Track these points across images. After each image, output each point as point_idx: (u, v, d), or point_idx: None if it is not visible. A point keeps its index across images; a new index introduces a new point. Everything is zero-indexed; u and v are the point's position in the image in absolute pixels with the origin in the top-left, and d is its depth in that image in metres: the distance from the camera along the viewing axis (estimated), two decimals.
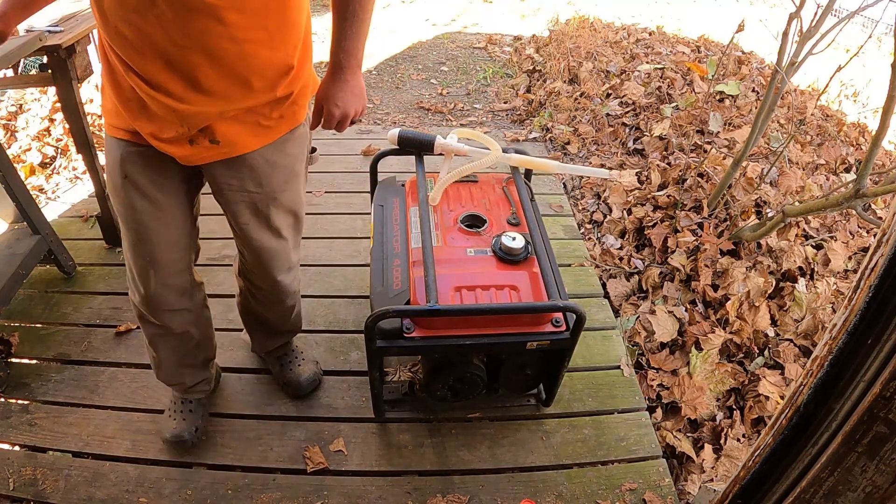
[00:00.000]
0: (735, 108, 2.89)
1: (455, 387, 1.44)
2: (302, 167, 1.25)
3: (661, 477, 1.51)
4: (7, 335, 1.79)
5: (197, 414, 1.52)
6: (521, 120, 3.36)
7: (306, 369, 1.64)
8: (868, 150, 1.62)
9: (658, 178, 2.47)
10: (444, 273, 1.30)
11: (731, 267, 2.01)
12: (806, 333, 1.90)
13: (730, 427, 1.66)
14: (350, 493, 1.45)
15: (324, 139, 2.99)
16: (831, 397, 0.82)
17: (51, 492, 1.42)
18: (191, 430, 1.49)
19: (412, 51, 4.27)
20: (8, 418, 1.59)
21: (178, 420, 1.49)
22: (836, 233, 2.22)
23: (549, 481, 1.49)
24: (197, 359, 1.47)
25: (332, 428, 1.59)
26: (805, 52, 1.85)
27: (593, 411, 1.66)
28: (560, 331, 1.30)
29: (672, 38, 3.98)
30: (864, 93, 3.47)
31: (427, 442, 1.56)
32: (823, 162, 2.63)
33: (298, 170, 1.23)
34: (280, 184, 1.19)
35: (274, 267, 1.33)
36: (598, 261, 2.24)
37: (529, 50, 4.07)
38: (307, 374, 1.63)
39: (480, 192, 1.61)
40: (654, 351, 1.89)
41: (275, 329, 1.58)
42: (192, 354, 1.44)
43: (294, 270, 1.41)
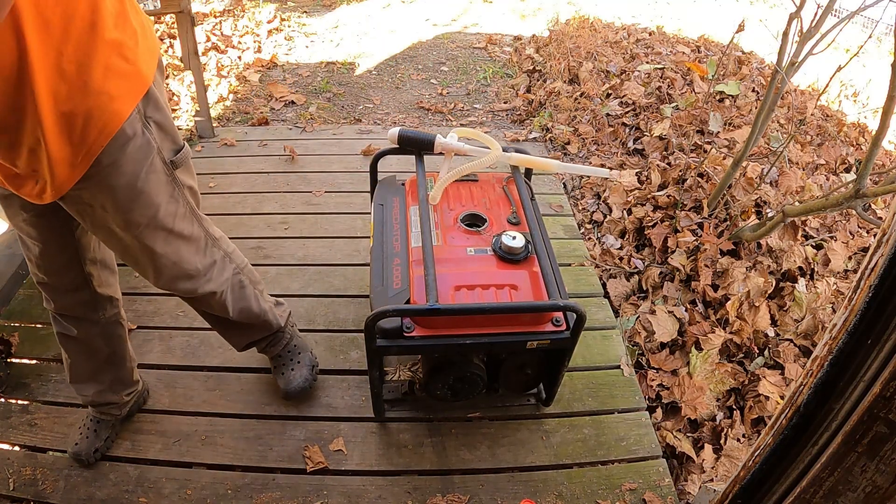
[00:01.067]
0: (735, 108, 2.89)
1: (455, 386, 1.44)
2: (146, 184, 1.06)
3: (661, 477, 1.51)
4: (7, 335, 1.79)
5: (100, 436, 1.48)
6: (521, 120, 3.36)
7: (297, 375, 1.61)
8: (868, 150, 1.62)
9: (658, 178, 2.47)
10: (444, 272, 1.30)
11: (731, 267, 2.01)
12: (806, 333, 1.90)
13: (730, 427, 1.66)
14: (350, 492, 1.45)
15: (324, 139, 3.00)
16: (831, 397, 0.82)
17: (51, 492, 1.42)
18: (89, 451, 1.45)
19: (412, 51, 4.27)
20: (8, 418, 1.59)
21: (82, 437, 1.47)
22: (836, 233, 2.22)
23: (549, 481, 1.49)
24: (106, 376, 1.43)
25: (332, 427, 1.59)
26: (805, 52, 1.85)
27: (593, 411, 1.66)
28: (560, 330, 1.30)
29: (672, 38, 3.98)
30: (864, 93, 3.47)
31: (427, 441, 1.56)
32: (823, 162, 2.63)
33: (141, 187, 1.06)
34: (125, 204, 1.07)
35: (167, 279, 1.24)
36: (598, 261, 2.24)
37: (529, 50, 4.07)
38: (296, 381, 1.60)
39: (481, 191, 1.61)
40: (654, 351, 1.89)
41: (229, 324, 1.48)
42: (102, 370, 1.42)
43: (198, 278, 1.27)
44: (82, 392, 1.44)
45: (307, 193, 2.54)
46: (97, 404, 1.46)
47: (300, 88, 3.59)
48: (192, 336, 1.83)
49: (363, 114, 3.37)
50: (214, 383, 1.70)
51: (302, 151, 2.84)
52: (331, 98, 3.51)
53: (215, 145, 2.86)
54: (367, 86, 3.70)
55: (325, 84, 3.63)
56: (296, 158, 2.78)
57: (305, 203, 2.49)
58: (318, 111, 3.32)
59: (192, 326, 1.85)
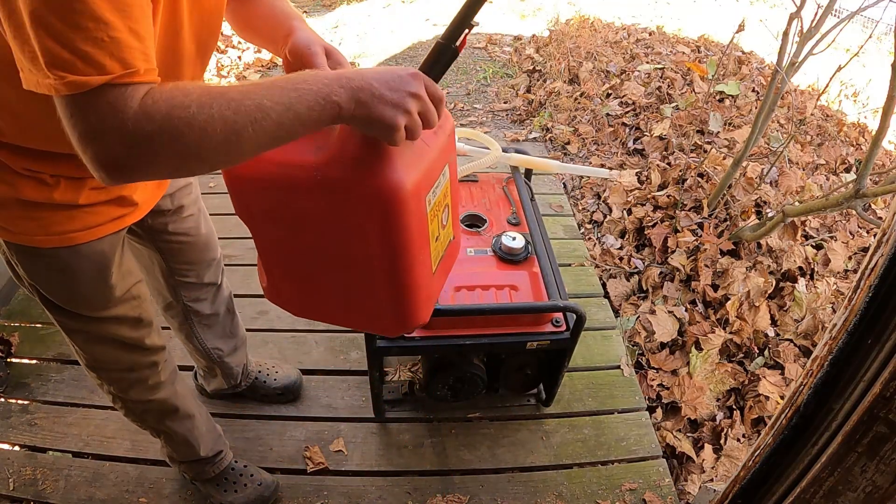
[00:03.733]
0: (735, 108, 2.89)
1: (455, 387, 1.44)
2: None
3: (661, 477, 1.51)
4: (7, 335, 1.79)
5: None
6: (521, 120, 3.36)
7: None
8: (868, 150, 1.62)
9: (658, 178, 2.47)
10: None
11: (731, 267, 2.01)
12: (806, 333, 1.90)
13: (730, 427, 1.66)
14: (350, 493, 1.45)
15: None
16: (831, 397, 0.82)
17: (51, 492, 1.42)
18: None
19: (412, 51, 4.27)
20: (8, 418, 1.59)
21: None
22: (836, 233, 2.22)
23: (549, 481, 1.49)
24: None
25: (332, 428, 1.59)
26: (805, 52, 1.85)
27: (593, 411, 1.66)
28: (560, 331, 1.31)
29: (672, 38, 3.98)
30: (864, 93, 3.47)
31: (427, 442, 1.56)
32: (823, 162, 2.63)
33: None
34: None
35: None
36: (598, 261, 2.24)
37: (529, 50, 4.07)
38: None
39: (480, 191, 1.61)
40: (654, 351, 1.89)
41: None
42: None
43: None
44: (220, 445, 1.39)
45: None
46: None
47: None
48: None
49: None
50: None
51: None
52: None
53: None
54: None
55: None
56: None
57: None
58: None
59: None
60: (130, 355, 1.06)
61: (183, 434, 1.25)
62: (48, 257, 0.86)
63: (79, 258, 0.87)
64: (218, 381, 1.54)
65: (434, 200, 0.82)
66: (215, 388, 1.57)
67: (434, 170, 0.80)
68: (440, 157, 0.81)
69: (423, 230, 0.80)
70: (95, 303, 0.95)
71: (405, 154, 0.73)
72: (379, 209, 0.72)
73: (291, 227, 0.82)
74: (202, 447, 1.30)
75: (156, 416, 1.20)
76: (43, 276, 0.89)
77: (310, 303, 0.95)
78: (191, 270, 1.22)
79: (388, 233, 0.75)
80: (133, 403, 1.15)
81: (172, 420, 1.22)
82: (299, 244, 0.84)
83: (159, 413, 1.19)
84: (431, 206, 0.81)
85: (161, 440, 1.28)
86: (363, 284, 0.84)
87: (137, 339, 1.05)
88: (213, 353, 1.41)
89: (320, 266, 0.86)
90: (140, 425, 1.24)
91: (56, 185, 0.80)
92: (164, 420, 1.21)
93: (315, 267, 0.87)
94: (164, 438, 1.27)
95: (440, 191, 0.83)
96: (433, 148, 0.79)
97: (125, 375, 1.09)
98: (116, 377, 1.09)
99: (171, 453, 1.31)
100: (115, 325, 1.00)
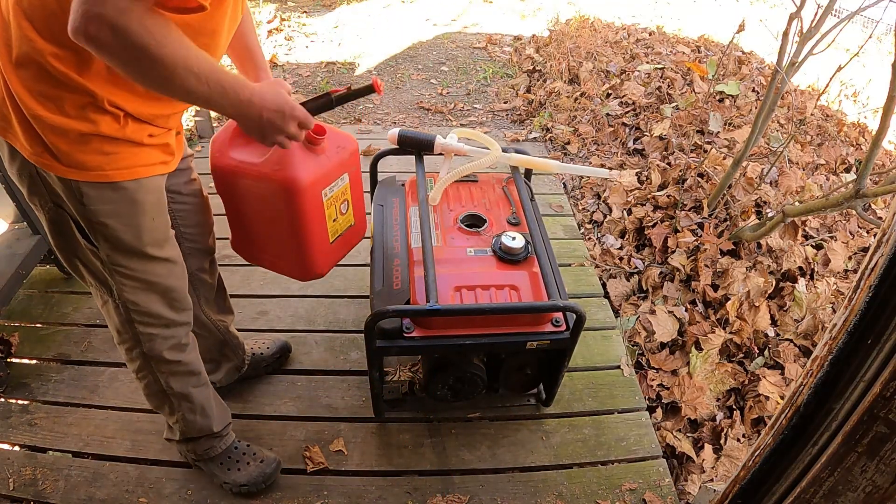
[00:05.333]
0: (735, 108, 2.89)
1: (455, 387, 1.44)
2: None
3: (661, 477, 1.51)
4: (7, 335, 1.79)
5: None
6: (521, 120, 3.36)
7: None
8: (868, 150, 1.62)
9: (658, 178, 2.47)
10: (444, 273, 1.30)
11: (731, 267, 2.01)
12: (806, 333, 1.90)
13: (730, 427, 1.66)
14: (350, 493, 1.45)
15: None
16: (831, 397, 0.82)
17: (51, 492, 1.42)
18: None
19: (412, 51, 4.27)
20: (8, 418, 1.59)
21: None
22: (836, 233, 2.22)
23: (549, 481, 1.49)
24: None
25: (332, 428, 1.59)
26: (805, 52, 1.85)
27: (593, 411, 1.66)
28: (560, 331, 1.30)
29: (672, 38, 3.98)
30: (864, 93, 3.47)
31: (427, 442, 1.56)
32: (823, 162, 2.63)
33: None
34: None
35: None
36: (598, 261, 2.24)
37: (529, 50, 4.07)
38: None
39: (480, 191, 1.61)
40: (654, 351, 1.89)
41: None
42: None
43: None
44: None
45: None
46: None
47: (300, 88, 3.59)
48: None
49: (363, 114, 3.37)
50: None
51: None
52: None
53: None
54: None
55: (326, 84, 3.63)
56: None
57: None
58: None
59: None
60: (170, 312, 1.15)
61: (201, 402, 1.29)
62: (119, 190, 0.96)
63: (144, 191, 1.00)
64: (225, 370, 1.58)
65: (331, 195, 1.27)
66: (223, 376, 1.60)
67: (331, 174, 1.25)
68: (338, 167, 1.26)
69: (318, 210, 1.25)
70: (158, 235, 1.06)
71: (309, 162, 1.19)
72: (285, 191, 1.18)
73: (243, 199, 1.28)
74: (215, 419, 1.34)
75: (181, 379, 1.24)
76: (114, 212, 0.98)
77: (253, 251, 1.41)
78: (197, 234, 1.30)
79: (291, 206, 1.20)
80: (164, 366, 1.20)
81: (196, 385, 1.27)
82: (248, 210, 1.30)
83: (185, 375, 1.24)
84: (328, 197, 1.26)
85: (178, 415, 1.29)
86: (281, 240, 1.31)
87: (181, 288, 1.16)
88: (220, 324, 1.48)
89: (258, 225, 1.32)
90: (158, 400, 1.26)
91: (126, 124, 0.93)
92: (188, 385, 1.25)
93: (256, 226, 1.33)
94: (183, 409, 1.28)
95: (337, 189, 1.29)
96: (333, 160, 1.24)
97: (162, 332, 1.16)
98: (154, 333, 1.15)
99: (185, 427, 1.32)
100: (167, 268, 1.11)
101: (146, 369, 1.20)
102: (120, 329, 1.14)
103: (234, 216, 1.35)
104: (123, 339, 1.16)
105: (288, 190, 1.18)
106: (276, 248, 1.36)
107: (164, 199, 1.08)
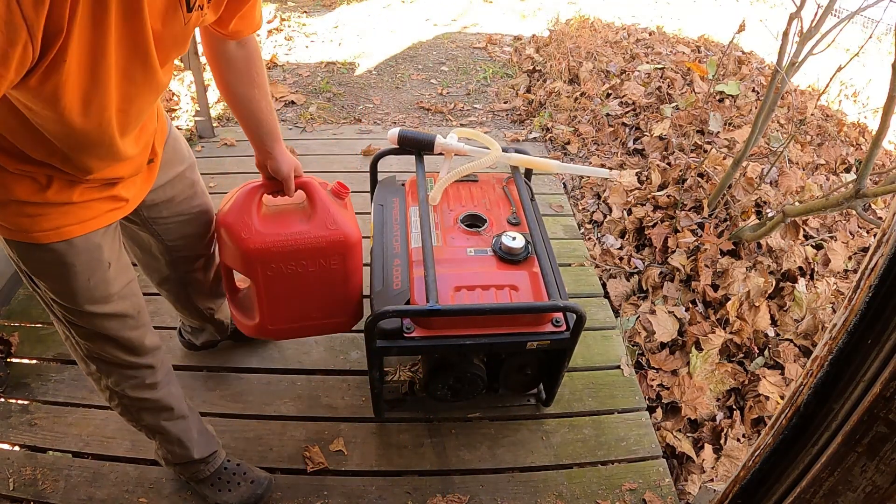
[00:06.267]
0: (735, 108, 2.89)
1: (455, 387, 1.44)
2: None
3: (661, 477, 1.51)
4: (7, 335, 1.79)
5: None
6: (521, 120, 3.36)
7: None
8: (868, 150, 1.62)
9: (658, 178, 2.47)
10: (444, 273, 1.30)
11: (731, 267, 2.01)
12: (806, 333, 1.90)
13: (730, 427, 1.66)
14: (350, 493, 1.45)
15: (324, 139, 2.99)
16: (831, 397, 0.82)
17: (51, 492, 1.42)
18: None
19: (412, 51, 4.27)
20: (8, 418, 1.59)
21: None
22: (836, 233, 2.22)
23: (549, 481, 1.49)
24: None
25: (332, 428, 1.59)
26: (805, 52, 1.85)
27: (593, 411, 1.66)
28: (560, 331, 1.30)
29: (672, 38, 3.98)
30: (864, 93, 3.47)
31: (427, 442, 1.56)
32: (823, 162, 2.63)
33: None
34: None
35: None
36: (598, 261, 2.24)
37: (529, 50, 4.07)
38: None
39: (480, 191, 1.61)
40: (654, 351, 1.89)
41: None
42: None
43: None
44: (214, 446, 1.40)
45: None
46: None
47: (300, 88, 3.59)
48: None
49: (363, 114, 3.37)
50: (214, 383, 1.69)
51: (302, 151, 2.84)
52: (331, 98, 3.51)
53: (215, 145, 2.86)
54: (367, 86, 3.69)
55: (325, 84, 3.63)
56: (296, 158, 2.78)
57: None
58: (318, 111, 3.32)
59: None
60: (128, 356, 1.10)
61: (177, 434, 1.27)
62: (47, 252, 0.89)
63: (76, 251, 0.91)
64: (207, 334, 1.66)
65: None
66: (205, 339, 1.65)
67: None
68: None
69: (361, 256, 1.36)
70: (95, 296, 0.98)
71: (349, 216, 1.31)
72: (345, 247, 1.28)
73: (291, 273, 1.27)
74: (195, 449, 1.31)
75: (152, 414, 1.22)
76: (44, 271, 0.93)
77: (293, 326, 1.41)
78: (186, 245, 1.29)
79: (347, 260, 1.30)
80: (130, 401, 1.17)
81: (168, 419, 1.24)
82: (297, 282, 1.29)
83: (155, 411, 1.21)
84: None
85: (156, 442, 1.29)
86: (334, 297, 1.36)
87: (137, 338, 1.09)
88: (206, 311, 1.52)
89: (306, 294, 1.33)
90: (135, 425, 1.26)
91: (49, 185, 0.85)
92: (160, 419, 1.23)
93: (303, 295, 1.33)
94: (159, 439, 1.28)
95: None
96: (351, 213, 1.36)
97: (124, 372, 1.12)
98: (116, 371, 1.12)
99: (166, 455, 1.32)
100: (116, 322, 1.04)
101: (115, 400, 1.18)
102: (81, 362, 1.12)
103: (273, 297, 1.31)
104: (89, 372, 1.14)
105: (346, 244, 1.26)
106: (327, 308, 1.39)
107: (109, 255, 0.99)
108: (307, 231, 1.23)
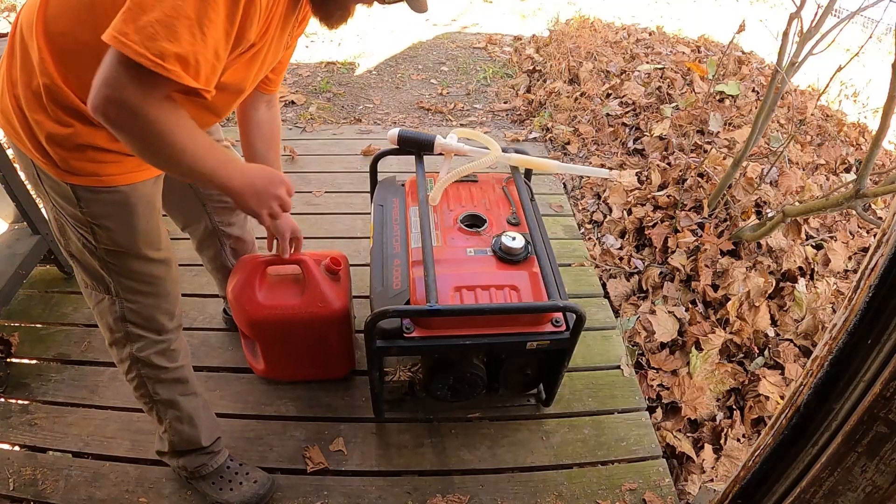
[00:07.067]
0: (735, 108, 2.89)
1: (455, 387, 1.44)
2: None
3: (661, 477, 1.51)
4: (7, 335, 1.79)
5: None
6: (521, 120, 3.36)
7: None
8: (868, 151, 1.62)
9: (658, 178, 2.47)
10: (444, 273, 1.30)
11: (731, 267, 2.01)
12: (806, 333, 1.90)
13: (730, 427, 1.66)
14: (350, 493, 1.45)
15: (324, 139, 2.99)
16: (831, 397, 0.82)
17: (51, 492, 1.42)
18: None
19: (412, 51, 4.27)
20: (8, 418, 1.59)
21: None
22: (836, 233, 2.22)
23: (549, 481, 1.49)
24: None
25: (332, 428, 1.59)
26: (805, 52, 1.85)
27: (593, 411, 1.66)
28: (560, 331, 1.30)
29: (672, 38, 3.98)
30: (864, 93, 3.47)
31: (427, 442, 1.56)
32: (823, 162, 2.63)
33: None
34: None
35: None
36: (598, 261, 2.24)
37: (529, 50, 4.07)
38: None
39: (480, 191, 1.61)
40: (654, 351, 1.89)
41: None
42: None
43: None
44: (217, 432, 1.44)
45: (307, 194, 2.54)
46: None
47: (300, 88, 3.59)
48: (192, 336, 1.83)
49: (363, 114, 3.37)
50: (214, 383, 1.70)
51: (302, 151, 2.84)
52: (331, 98, 3.51)
53: None
54: (367, 86, 3.70)
55: (325, 84, 3.63)
56: (296, 158, 2.78)
57: (305, 203, 2.49)
58: (318, 111, 3.32)
59: (193, 327, 1.85)
60: (161, 316, 1.17)
61: (189, 412, 1.29)
62: (116, 193, 1.00)
63: (139, 194, 1.04)
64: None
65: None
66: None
67: (349, 293, 1.56)
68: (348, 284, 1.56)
69: (350, 321, 1.58)
70: (151, 239, 1.09)
71: (339, 291, 1.49)
72: (329, 321, 1.48)
73: (287, 337, 1.52)
74: (204, 431, 1.33)
75: (168, 386, 1.24)
76: (109, 214, 1.02)
77: (292, 372, 1.68)
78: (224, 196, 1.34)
79: (333, 329, 1.51)
80: (150, 370, 1.20)
81: (183, 393, 1.27)
82: (292, 343, 1.55)
83: (172, 383, 1.25)
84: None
85: (164, 425, 1.29)
86: (325, 353, 1.61)
87: (174, 295, 1.19)
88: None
89: (301, 352, 1.58)
90: (148, 402, 1.26)
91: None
92: (175, 392, 1.26)
93: (298, 352, 1.58)
94: (170, 417, 1.28)
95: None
96: (346, 281, 1.55)
97: (153, 336, 1.18)
98: (145, 336, 1.17)
99: (173, 437, 1.31)
100: (163, 270, 1.14)
101: (134, 371, 1.20)
102: (112, 327, 1.15)
103: (273, 353, 1.59)
104: (115, 339, 1.17)
105: (333, 320, 1.47)
106: (319, 362, 1.64)
107: (158, 202, 1.12)
108: (299, 307, 1.44)
